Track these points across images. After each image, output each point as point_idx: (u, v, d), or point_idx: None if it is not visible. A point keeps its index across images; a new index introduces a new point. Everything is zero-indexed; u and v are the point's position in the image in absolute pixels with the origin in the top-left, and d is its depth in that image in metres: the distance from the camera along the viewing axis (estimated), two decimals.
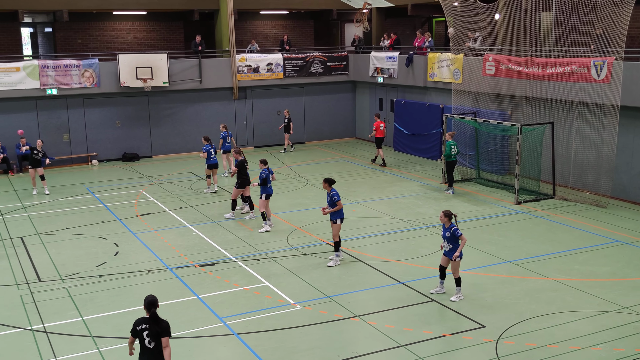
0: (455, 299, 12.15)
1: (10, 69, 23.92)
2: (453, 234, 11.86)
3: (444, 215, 12.01)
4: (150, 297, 8.21)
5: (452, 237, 11.88)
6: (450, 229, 11.89)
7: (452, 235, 11.88)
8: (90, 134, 25.93)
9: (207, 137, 20.65)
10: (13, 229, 17.19)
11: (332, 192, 13.90)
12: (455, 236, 11.85)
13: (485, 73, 22.41)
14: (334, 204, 13.85)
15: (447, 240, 11.97)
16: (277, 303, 12.28)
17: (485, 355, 10.20)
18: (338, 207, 13.86)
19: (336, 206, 13.84)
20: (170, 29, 31.42)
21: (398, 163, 25.11)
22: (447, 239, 11.97)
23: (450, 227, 11.90)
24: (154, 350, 8.18)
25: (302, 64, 28.83)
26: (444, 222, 12.00)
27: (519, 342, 10.59)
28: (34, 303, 12.42)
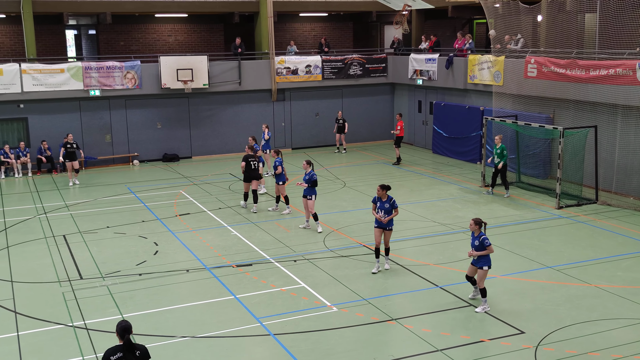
0: (480, 310, 11.79)
1: (55, 70, 24.43)
2: (482, 243, 11.64)
3: (474, 223, 11.75)
4: (123, 323, 7.56)
5: (480, 246, 11.66)
6: (480, 237, 11.67)
7: (480, 244, 11.65)
8: (131, 135, 26.33)
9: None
10: (56, 227, 17.53)
11: (390, 198, 13.46)
12: (483, 245, 11.64)
13: (527, 75, 22.11)
14: (392, 211, 13.43)
15: (476, 249, 11.72)
16: (313, 305, 12.28)
17: None
18: (395, 214, 13.48)
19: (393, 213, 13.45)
20: (210, 31, 31.72)
21: (436, 166, 24.92)
22: (475, 248, 11.73)
23: (480, 236, 11.67)
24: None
25: (341, 66, 28.83)
26: (474, 230, 11.77)
27: (559, 349, 10.41)
28: (75, 300, 12.64)
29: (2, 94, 23.85)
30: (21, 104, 24.59)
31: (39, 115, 24.93)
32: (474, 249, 11.74)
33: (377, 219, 13.53)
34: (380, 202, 13.51)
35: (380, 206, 13.49)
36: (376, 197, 13.60)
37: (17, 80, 23.90)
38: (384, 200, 13.47)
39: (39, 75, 24.18)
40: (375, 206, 13.61)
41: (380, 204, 13.50)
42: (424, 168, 24.52)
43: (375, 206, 13.61)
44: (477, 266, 11.78)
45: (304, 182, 16.49)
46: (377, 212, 13.50)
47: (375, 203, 13.62)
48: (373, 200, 13.69)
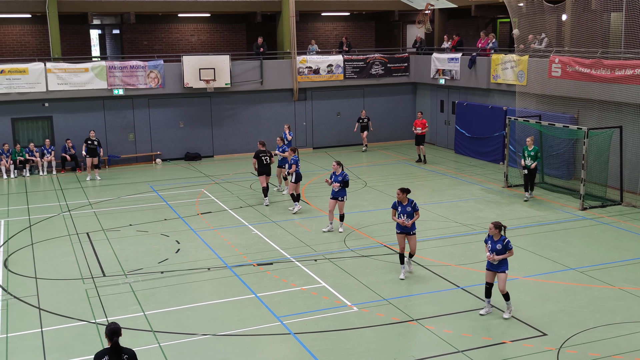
0: (508, 316, 11.47)
1: (79, 69, 24.67)
2: (505, 246, 11.30)
3: (494, 227, 11.38)
4: (112, 325, 7.47)
5: (503, 249, 11.33)
6: (503, 240, 11.34)
7: (504, 247, 11.31)
8: (154, 134, 26.51)
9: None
10: (80, 225, 17.71)
11: (411, 201, 13.13)
12: (507, 248, 11.31)
13: (551, 75, 21.91)
14: (413, 215, 13.10)
15: (498, 252, 11.34)
16: (333, 304, 12.28)
17: None
18: (416, 218, 13.20)
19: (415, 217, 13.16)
20: (233, 31, 31.85)
21: (459, 166, 24.79)
22: (497, 252, 11.35)
23: (502, 239, 11.35)
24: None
25: (363, 66, 28.78)
26: (494, 234, 11.40)
27: (582, 352, 10.30)
28: (98, 297, 12.76)
29: (28, 92, 24.14)
30: (46, 103, 24.88)
31: (63, 114, 25.20)
32: (495, 253, 11.37)
33: (400, 224, 13.18)
34: (402, 206, 13.13)
35: (401, 210, 13.11)
36: (396, 201, 13.23)
37: (42, 80, 24.19)
38: (404, 204, 13.12)
39: (64, 74, 24.44)
40: (395, 211, 13.24)
41: (402, 208, 13.11)
42: (445, 168, 24.41)
43: (395, 211, 13.24)
44: (499, 270, 11.46)
45: (336, 182, 16.08)
46: (399, 217, 13.14)
47: (395, 208, 13.22)
48: (393, 205, 13.27)
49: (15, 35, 28.42)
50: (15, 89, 23.95)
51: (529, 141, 19.20)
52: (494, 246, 11.45)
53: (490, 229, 11.48)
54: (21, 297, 12.80)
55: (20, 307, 12.35)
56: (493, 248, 11.45)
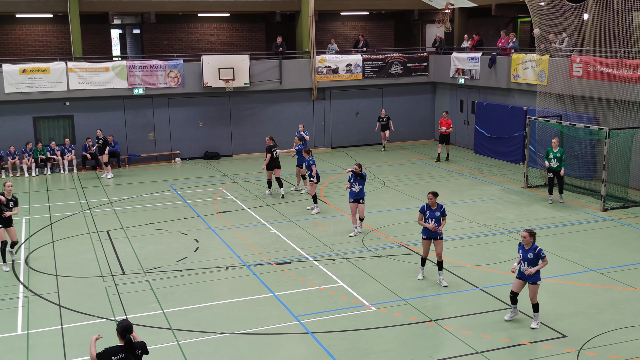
0: (536, 326, 11.09)
1: (100, 69, 24.87)
2: (537, 255, 10.77)
3: (529, 235, 10.82)
4: (124, 323, 7.66)
5: (536, 258, 10.76)
6: (535, 249, 10.82)
7: (536, 257, 10.76)
8: (174, 133, 26.65)
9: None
10: (100, 223, 17.85)
11: (440, 206, 12.77)
12: (539, 257, 10.76)
13: (572, 75, 21.71)
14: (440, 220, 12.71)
15: (530, 262, 10.82)
16: (351, 304, 12.27)
17: None
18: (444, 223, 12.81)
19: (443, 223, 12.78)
20: (252, 31, 31.93)
21: (478, 166, 24.66)
22: (529, 261, 10.82)
23: (534, 248, 10.83)
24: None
25: (382, 65, 28.72)
26: (528, 242, 10.84)
27: (602, 354, 10.20)
28: (117, 295, 12.86)
29: (49, 91, 24.39)
30: (67, 102, 25.11)
31: (84, 112, 25.42)
32: (527, 263, 10.82)
33: (426, 229, 12.79)
34: (430, 210, 12.72)
35: (430, 215, 12.69)
36: (425, 205, 12.81)
37: (63, 79, 24.42)
38: (434, 208, 12.73)
39: (85, 73, 24.65)
40: (422, 216, 12.78)
41: (431, 213, 12.70)
42: (465, 168, 24.29)
43: (422, 216, 12.78)
44: (530, 281, 10.93)
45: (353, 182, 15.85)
46: (427, 222, 12.71)
47: (423, 212, 12.77)
48: (421, 209, 12.82)
49: (37, 34, 28.73)
50: (37, 88, 24.20)
51: (554, 142, 18.81)
52: (525, 256, 10.88)
53: (524, 238, 10.87)
54: (42, 294, 12.93)
55: (41, 304, 12.48)
56: (524, 258, 10.88)
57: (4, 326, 11.55)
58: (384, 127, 27.82)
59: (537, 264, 10.81)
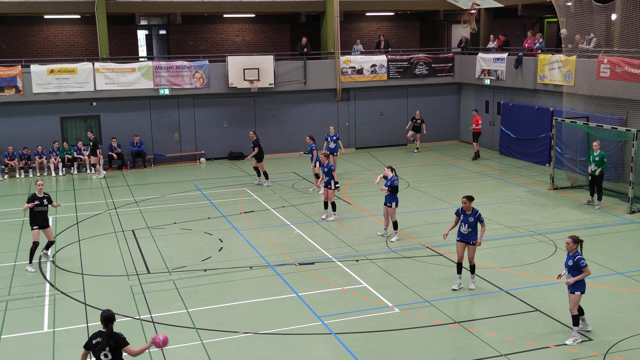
0: (571, 342, 10.57)
1: (126, 69, 25.11)
2: (577, 264, 10.43)
3: (573, 242, 10.48)
4: (106, 312, 8.17)
5: (575, 266, 10.47)
6: (575, 257, 10.47)
7: (575, 265, 10.45)
8: (199, 133, 26.81)
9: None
10: (125, 222, 18.02)
11: (475, 211, 12.51)
12: (579, 266, 10.43)
13: (599, 76, 21.45)
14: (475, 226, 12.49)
15: (570, 269, 10.54)
16: (375, 305, 12.24)
17: None
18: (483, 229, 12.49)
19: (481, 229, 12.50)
20: (277, 31, 32.01)
21: (504, 167, 24.47)
22: (569, 268, 10.53)
23: (575, 256, 10.48)
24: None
25: (407, 66, 28.62)
26: (571, 248, 10.52)
27: (629, 358, 10.07)
28: (142, 293, 12.97)
29: (76, 92, 24.67)
30: (94, 102, 25.38)
31: (110, 113, 25.68)
32: (568, 270, 10.55)
33: (461, 232, 12.61)
34: (464, 215, 12.54)
35: (463, 219, 12.53)
36: (459, 209, 12.67)
37: (90, 79, 24.69)
38: (468, 213, 12.53)
39: (111, 74, 24.91)
40: (458, 219, 12.69)
41: (464, 217, 12.52)
42: (490, 169, 24.12)
43: (458, 219, 12.69)
44: (570, 291, 10.62)
45: (386, 186, 15.83)
46: (461, 226, 12.57)
47: (458, 215, 12.68)
48: (456, 212, 12.75)
49: (64, 35, 29.08)
50: (64, 88, 24.50)
51: (595, 145, 18.43)
52: (566, 262, 10.63)
53: (568, 244, 10.55)
54: (68, 293, 13.09)
55: (67, 302, 12.63)
56: (566, 264, 10.62)
57: (31, 324, 11.71)
58: (416, 129, 27.70)
59: (576, 272, 10.48)
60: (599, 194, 18.60)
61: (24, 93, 24.16)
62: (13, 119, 24.63)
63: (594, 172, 18.34)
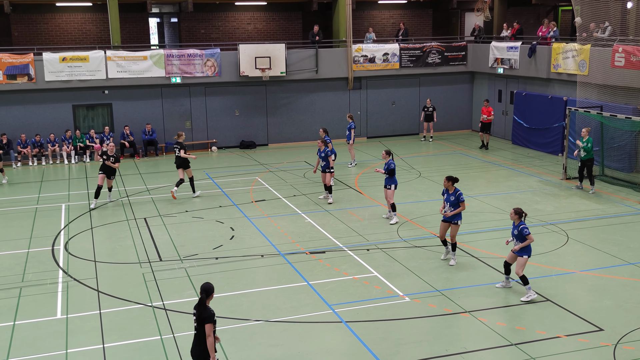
0: (526, 299, 11.81)
1: (138, 57, 25.14)
2: (521, 232, 11.75)
3: (514, 213, 11.88)
4: (205, 285, 8.50)
5: (519, 235, 11.80)
6: (519, 227, 11.78)
7: (519, 234, 11.78)
8: (210, 122, 26.85)
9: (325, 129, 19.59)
10: (137, 210, 18.10)
11: (456, 191, 13.30)
12: (522, 234, 11.75)
13: (613, 65, 21.27)
14: (458, 205, 13.21)
15: (516, 238, 11.92)
16: (385, 294, 12.26)
17: None
18: (461, 209, 13.23)
19: (459, 207, 13.22)
20: (289, 19, 31.92)
21: (516, 157, 24.35)
22: (515, 237, 11.95)
23: (519, 225, 11.79)
24: (197, 334, 8.50)
25: (419, 54, 28.48)
26: (514, 219, 11.92)
27: None
28: (154, 281, 13.04)
29: (88, 80, 24.75)
30: (106, 90, 25.46)
31: (122, 101, 25.76)
32: (515, 238, 11.90)
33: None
34: (447, 194, 13.38)
35: (446, 199, 13.36)
36: (444, 189, 13.52)
37: (102, 67, 24.74)
38: (450, 192, 13.32)
39: (123, 62, 24.95)
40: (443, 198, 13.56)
41: (447, 197, 13.36)
42: (502, 159, 24.02)
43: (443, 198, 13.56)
44: (518, 255, 11.88)
45: (384, 171, 16.26)
46: (445, 206, 13.38)
47: (443, 195, 13.53)
48: (442, 192, 13.60)
49: (76, 23, 29.14)
50: (76, 77, 24.58)
51: (584, 132, 18.73)
52: (512, 231, 12.05)
53: (511, 215, 11.96)
54: (81, 280, 13.19)
55: (80, 289, 12.73)
56: (512, 233, 12.05)
57: (44, 310, 11.82)
58: (428, 118, 27.59)
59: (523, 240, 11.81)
60: (591, 179, 18.91)
61: (36, 81, 24.27)
62: (26, 107, 24.75)
63: (583, 158, 18.65)
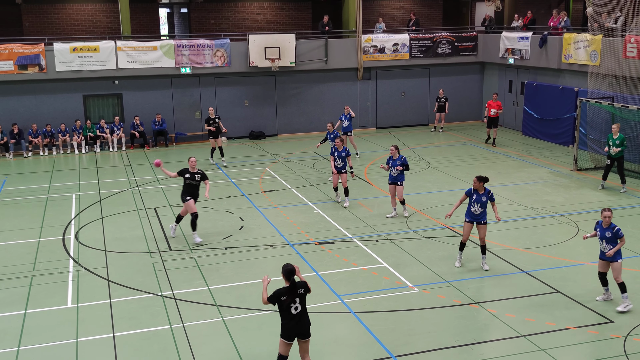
0: (622, 309, 10.95)
1: (148, 48, 25.15)
2: (615, 234, 10.84)
3: (611, 215, 10.92)
4: (288, 266, 8.70)
5: (613, 237, 10.86)
6: (613, 228, 10.86)
7: (614, 236, 10.85)
8: (220, 112, 26.80)
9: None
10: (147, 200, 18.16)
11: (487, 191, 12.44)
12: (617, 237, 10.85)
13: (625, 55, 21.10)
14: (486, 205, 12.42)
15: (607, 240, 10.91)
16: (394, 285, 12.26)
17: (611, 352, 9.73)
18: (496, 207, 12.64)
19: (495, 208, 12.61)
20: (298, 10, 31.83)
21: (526, 148, 24.25)
22: (607, 239, 10.91)
23: (612, 227, 10.87)
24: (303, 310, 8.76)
25: (429, 45, 28.36)
26: (606, 223, 10.89)
27: None
28: (164, 271, 13.10)
29: (99, 70, 24.79)
30: (116, 80, 25.51)
31: (132, 91, 25.80)
32: (605, 241, 10.91)
33: (471, 212, 12.54)
34: (477, 194, 12.44)
35: (476, 199, 12.40)
36: (471, 189, 12.55)
37: (112, 57, 24.78)
38: (480, 192, 12.44)
39: (133, 52, 24.98)
40: (466, 198, 12.62)
41: (477, 197, 12.41)
42: (513, 150, 23.92)
43: (466, 198, 12.62)
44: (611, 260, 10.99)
45: (395, 166, 15.61)
46: (472, 206, 12.47)
47: (469, 195, 12.55)
48: (467, 192, 12.62)
49: (87, 14, 29.17)
50: (86, 67, 24.63)
51: (614, 128, 18.07)
52: (602, 234, 10.94)
53: (607, 217, 10.91)
54: (91, 269, 13.26)
55: (91, 279, 12.80)
56: (602, 236, 10.94)
57: (55, 299, 11.90)
58: (441, 108, 27.45)
59: (614, 243, 10.86)
60: (622, 177, 18.29)
61: (47, 71, 24.34)
62: (37, 97, 24.84)
63: (614, 156, 17.94)
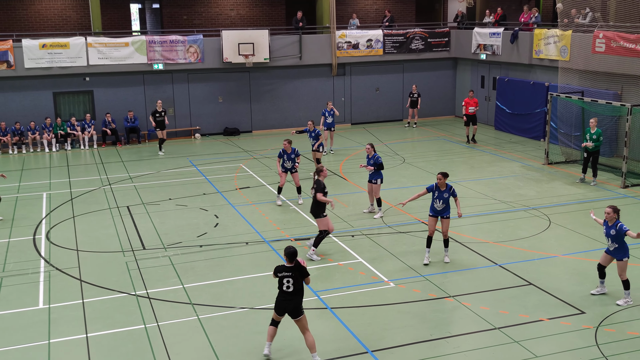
0: (622, 304, 11.06)
1: (119, 44, 24.91)
2: (619, 231, 10.84)
3: (613, 211, 10.90)
4: (291, 249, 9.37)
5: (618, 235, 10.88)
6: (617, 225, 10.86)
7: (618, 233, 10.87)
8: (193, 109, 26.70)
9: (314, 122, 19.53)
10: (120, 198, 18.01)
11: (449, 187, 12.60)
12: (622, 233, 10.85)
13: (594, 50, 21.39)
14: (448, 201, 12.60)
15: (612, 239, 10.96)
16: (370, 280, 12.31)
17: (583, 342, 9.88)
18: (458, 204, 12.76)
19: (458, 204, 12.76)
20: (272, 5, 31.74)
21: (499, 143, 24.47)
22: (612, 237, 10.96)
23: (616, 224, 10.87)
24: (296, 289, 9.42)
25: (403, 40, 28.47)
26: (611, 218, 10.93)
27: (621, 330, 10.18)
28: (138, 270, 13.00)
29: (69, 66, 24.49)
30: (87, 77, 25.21)
31: (104, 88, 25.53)
32: (610, 239, 10.98)
33: (433, 206, 12.72)
34: (439, 191, 12.61)
35: (438, 196, 12.58)
36: (434, 185, 12.68)
37: (83, 54, 24.49)
38: (442, 189, 12.62)
39: (104, 48, 24.71)
40: (424, 193, 12.82)
41: (439, 194, 12.59)
42: (485, 145, 24.13)
43: (424, 193, 12.82)
44: (617, 257, 11.06)
45: (369, 165, 15.74)
46: (434, 202, 12.68)
47: (431, 192, 12.69)
48: (429, 188, 12.73)
49: (56, 9, 28.77)
50: (56, 63, 24.32)
51: (592, 123, 18.22)
52: (608, 231, 11.03)
53: (608, 214, 10.93)
54: (63, 269, 13.11)
55: (62, 279, 12.65)
56: (607, 234, 11.04)
57: (26, 300, 11.74)
58: (414, 104, 27.58)
59: (620, 240, 10.92)
60: (594, 171, 18.58)
61: (15, 68, 23.98)
62: (5, 94, 24.47)
63: (590, 149, 18.18)
